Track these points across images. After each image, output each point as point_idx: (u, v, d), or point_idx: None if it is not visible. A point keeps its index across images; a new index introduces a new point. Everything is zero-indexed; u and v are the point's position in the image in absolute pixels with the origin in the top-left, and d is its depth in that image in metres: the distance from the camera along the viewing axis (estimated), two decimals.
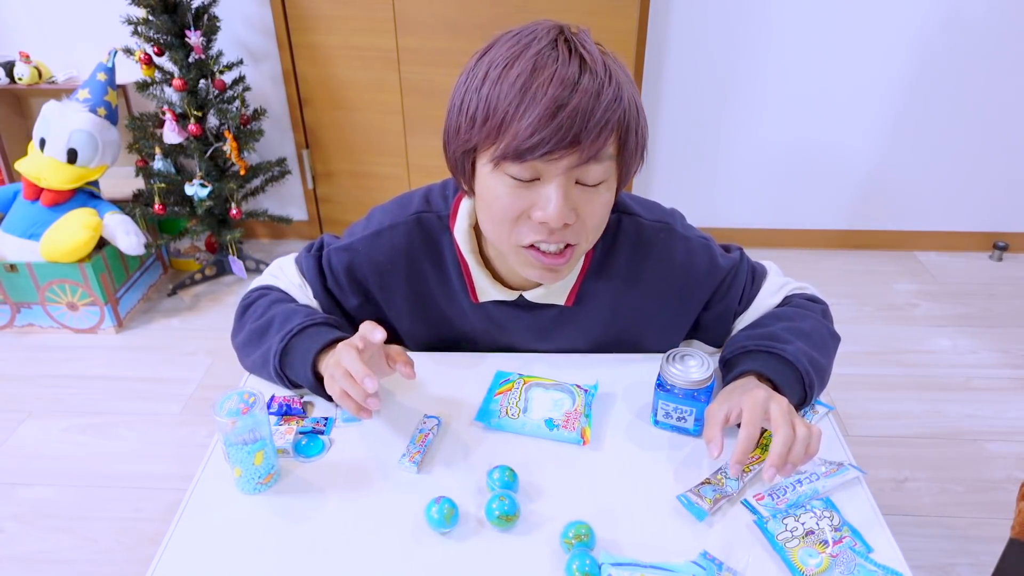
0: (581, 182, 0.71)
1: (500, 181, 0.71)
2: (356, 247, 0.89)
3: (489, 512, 0.69)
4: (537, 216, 0.71)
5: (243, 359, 0.91)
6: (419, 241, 0.88)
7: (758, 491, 0.72)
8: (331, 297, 0.92)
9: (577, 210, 0.71)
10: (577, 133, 0.65)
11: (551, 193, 0.69)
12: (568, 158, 0.67)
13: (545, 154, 0.66)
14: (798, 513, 0.69)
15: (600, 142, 0.67)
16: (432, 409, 0.85)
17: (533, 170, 0.69)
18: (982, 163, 2.62)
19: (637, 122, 0.71)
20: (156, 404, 1.98)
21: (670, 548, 0.67)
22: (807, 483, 0.73)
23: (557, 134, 0.65)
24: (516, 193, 0.71)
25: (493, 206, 0.73)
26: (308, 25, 2.48)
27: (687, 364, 0.79)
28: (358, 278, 0.90)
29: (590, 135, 0.66)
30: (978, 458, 1.76)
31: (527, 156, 0.67)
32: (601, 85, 0.66)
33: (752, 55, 2.47)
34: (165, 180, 2.36)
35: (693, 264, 0.88)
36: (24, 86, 2.40)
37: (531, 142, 0.66)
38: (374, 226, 0.89)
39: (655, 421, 0.83)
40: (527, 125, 0.65)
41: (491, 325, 0.93)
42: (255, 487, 0.74)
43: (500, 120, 0.67)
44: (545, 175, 0.69)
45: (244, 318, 0.91)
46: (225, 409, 0.70)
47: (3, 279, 2.20)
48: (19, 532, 1.57)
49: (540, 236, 0.73)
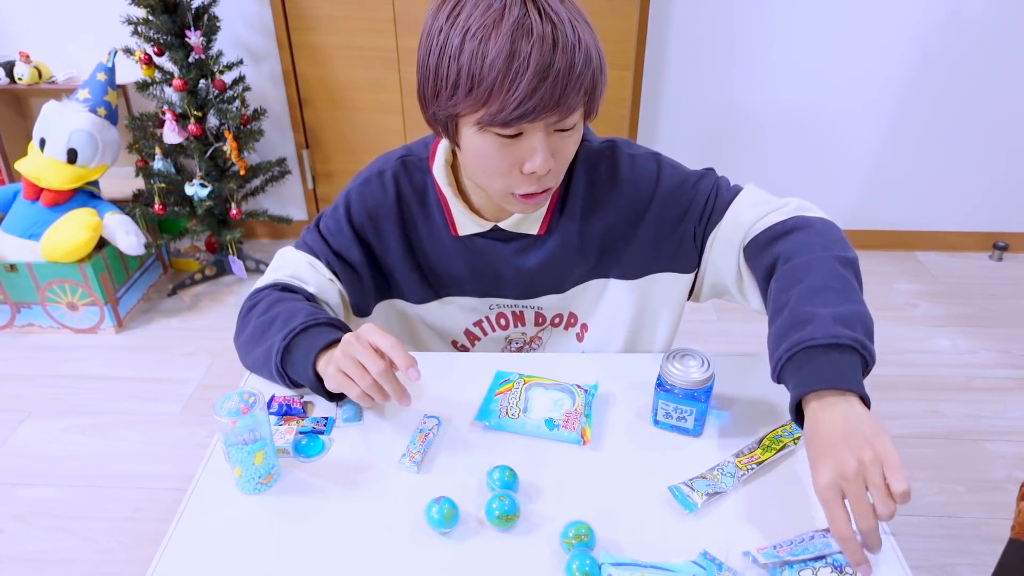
0: (559, 129, 0.76)
1: (486, 139, 0.75)
2: (351, 197, 0.94)
3: (489, 512, 0.69)
4: (526, 168, 0.76)
5: (244, 357, 0.91)
6: (405, 183, 0.93)
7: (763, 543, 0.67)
8: (341, 259, 0.94)
9: (556, 154, 0.77)
10: (559, 98, 0.71)
11: (536, 147, 0.75)
12: (551, 117, 0.73)
13: (534, 118, 0.72)
14: (816, 567, 0.64)
15: (578, 100, 0.73)
16: (432, 409, 0.85)
17: (518, 128, 0.74)
18: (982, 163, 2.62)
19: (601, 69, 0.76)
20: (156, 404, 1.98)
21: (670, 548, 0.67)
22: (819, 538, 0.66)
23: (541, 101, 0.70)
24: (503, 150, 0.76)
25: (482, 161, 0.78)
26: (308, 25, 2.48)
27: (687, 364, 0.79)
28: (355, 227, 0.94)
29: (568, 97, 0.71)
30: (978, 458, 1.76)
31: (514, 123, 0.72)
32: (574, 48, 0.70)
33: (752, 55, 2.47)
34: (165, 180, 2.36)
35: (641, 178, 0.91)
36: (24, 86, 2.40)
37: (519, 112, 0.70)
38: (363, 176, 0.95)
39: (655, 421, 0.83)
40: (513, 97, 0.69)
41: (473, 258, 0.95)
42: (255, 487, 0.74)
43: (487, 92, 0.70)
44: (529, 131, 0.74)
45: (248, 317, 0.91)
46: (225, 409, 0.70)
47: (3, 279, 2.20)
48: (19, 532, 1.57)
49: (531, 186, 0.79)
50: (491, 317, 1.02)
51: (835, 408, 0.67)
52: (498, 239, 0.93)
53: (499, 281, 0.97)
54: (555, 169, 0.78)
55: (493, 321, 1.03)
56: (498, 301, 0.99)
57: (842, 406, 0.67)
